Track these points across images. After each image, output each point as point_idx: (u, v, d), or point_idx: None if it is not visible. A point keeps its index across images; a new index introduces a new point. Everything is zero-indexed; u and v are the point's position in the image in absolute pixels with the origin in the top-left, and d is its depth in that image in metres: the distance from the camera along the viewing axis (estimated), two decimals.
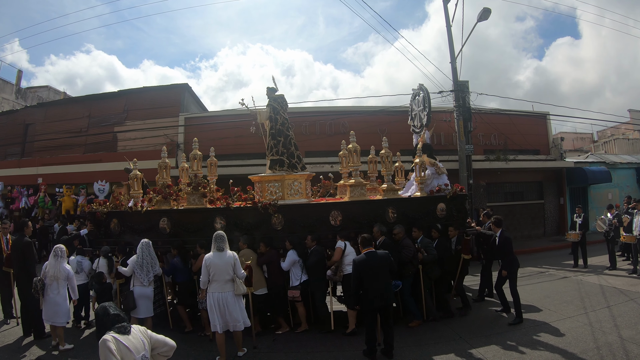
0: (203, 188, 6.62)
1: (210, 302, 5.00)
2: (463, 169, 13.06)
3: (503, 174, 15.17)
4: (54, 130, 16.24)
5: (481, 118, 14.00)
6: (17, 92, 22.23)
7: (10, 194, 16.11)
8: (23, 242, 6.30)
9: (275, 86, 7.42)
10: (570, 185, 16.49)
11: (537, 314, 6.53)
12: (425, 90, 8.22)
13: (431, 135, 14.89)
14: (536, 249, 13.60)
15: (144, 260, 5.69)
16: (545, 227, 16.19)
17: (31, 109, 18.24)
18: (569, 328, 5.76)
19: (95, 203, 7.36)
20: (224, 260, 5.02)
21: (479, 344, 5.42)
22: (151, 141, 14.12)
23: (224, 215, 6.35)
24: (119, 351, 2.54)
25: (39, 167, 16.07)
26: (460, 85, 13.32)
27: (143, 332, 2.80)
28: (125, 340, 2.61)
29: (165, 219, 6.43)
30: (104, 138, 15.23)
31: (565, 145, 18.19)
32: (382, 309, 5.07)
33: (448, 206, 7.02)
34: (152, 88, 15.87)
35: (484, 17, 12.86)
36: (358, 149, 6.86)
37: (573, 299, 7.25)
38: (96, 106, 16.12)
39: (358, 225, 6.38)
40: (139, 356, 2.63)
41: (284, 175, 6.95)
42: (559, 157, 16.14)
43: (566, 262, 10.74)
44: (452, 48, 13.48)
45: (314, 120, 14.43)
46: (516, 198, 16.09)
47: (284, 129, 7.20)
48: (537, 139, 16.05)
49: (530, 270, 10.08)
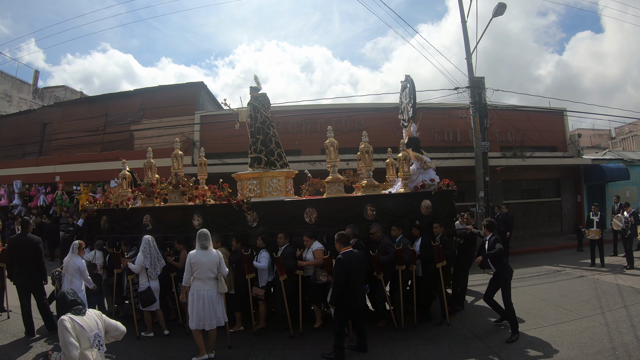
0: (183, 186, 6.92)
1: (191, 299, 4.97)
2: (479, 166, 12.95)
3: (520, 171, 15.00)
4: (71, 129, 16.48)
5: (497, 114, 13.87)
6: (34, 92, 22.60)
7: (29, 192, 16.39)
8: (26, 239, 6.30)
9: (258, 85, 7.50)
10: (587, 183, 16.24)
11: (553, 313, 6.43)
12: (411, 81, 8.03)
13: (446, 131, 15.01)
14: (552, 247, 13.44)
15: (152, 255, 5.93)
16: (562, 225, 15.97)
17: (48, 109, 18.53)
18: (585, 328, 5.65)
19: (87, 201, 7.79)
20: (208, 258, 4.99)
21: (493, 342, 5.39)
22: (167, 139, 14.21)
23: (201, 213, 6.56)
24: (74, 329, 2.98)
25: (57, 165, 16.33)
26: (476, 82, 13.22)
27: (98, 316, 3.26)
28: (80, 320, 3.06)
29: (148, 216, 6.78)
30: (120, 136, 15.41)
31: (583, 142, 17.91)
32: (356, 310, 5.09)
33: (434, 203, 6.50)
34: (168, 87, 16.01)
35: (499, 12, 12.73)
36: (335, 144, 6.67)
37: (590, 298, 7.12)
38: (113, 105, 16.33)
39: (334, 223, 6.21)
40: (92, 334, 3.07)
41: (261, 172, 6.97)
42: (576, 154, 15.91)
43: (583, 261, 10.59)
44: (468, 44, 13.36)
45: (329, 118, 14.42)
46: (533, 195, 15.90)
47: (264, 127, 7.23)
48: (554, 135, 15.84)
49: (546, 269, 9.97)
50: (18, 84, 22.30)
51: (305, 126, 14.39)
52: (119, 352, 5.26)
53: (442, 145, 14.78)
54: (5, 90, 21.52)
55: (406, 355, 5.10)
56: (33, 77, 23.14)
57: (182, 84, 15.98)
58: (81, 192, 14.58)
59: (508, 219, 11.91)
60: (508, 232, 11.64)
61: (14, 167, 17.26)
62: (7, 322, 6.68)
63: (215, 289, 5.03)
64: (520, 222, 15.21)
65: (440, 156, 13.99)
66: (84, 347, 3.00)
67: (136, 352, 5.41)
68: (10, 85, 21.83)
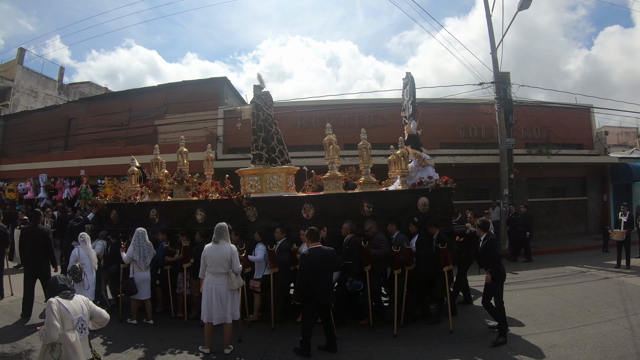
0: (187, 182, 7.27)
1: (204, 292, 5.03)
2: (504, 163, 12.79)
3: (545, 169, 14.73)
4: (96, 124, 16.81)
5: (523, 111, 13.64)
6: (59, 88, 23.09)
7: (54, 185, 16.76)
8: (37, 229, 6.74)
9: (262, 84, 7.68)
10: (614, 182, 15.84)
11: (576, 315, 6.27)
12: (411, 79, 8.01)
13: (471, 127, 14.78)
14: (577, 248, 13.14)
15: (141, 247, 6.18)
16: (587, 225, 15.61)
17: (74, 104, 18.92)
18: (609, 331, 5.47)
19: (98, 196, 8.27)
20: (219, 253, 4.99)
21: (515, 343, 5.25)
22: (191, 134, 14.36)
23: (204, 207, 6.88)
24: (59, 311, 3.22)
25: (82, 159, 16.69)
26: (501, 77, 13.06)
27: (85, 302, 3.50)
28: (66, 303, 3.30)
29: (154, 210, 7.19)
30: (144, 131, 15.61)
31: (610, 140, 17.47)
32: (325, 307, 4.99)
33: (431, 200, 6.43)
34: (191, 82, 16.13)
35: (525, 6, 12.56)
36: (334, 141, 6.82)
37: (614, 301, 6.92)
38: (137, 100, 16.58)
39: (331, 219, 6.29)
40: (75, 317, 3.31)
41: (262, 169, 7.16)
42: (603, 152, 15.54)
43: (608, 262, 10.33)
44: (493, 38, 13.21)
45: (353, 113, 14.40)
46: (558, 194, 15.58)
47: (266, 125, 7.41)
48: (580, 132, 15.48)
49: (571, 270, 9.75)
50: (44, 81, 22.84)
51: (329, 121, 14.33)
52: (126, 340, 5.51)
53: (467, 141, 14.60)
54: (31, 86, 22.06)
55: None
56: (58, 74, 23.71)
57: (205, 80, 16.09)
58: (106, 185, 14.82)
59: (527, 219, 11.67)
60: (528, 232, 11.41)
61: (40, 161, 17.70)
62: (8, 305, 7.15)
63: (226, 284, 5.01)
64: (545, 221, 14.95)
65: (464, 153, 13.88)
66: (67, 328, 3.23)
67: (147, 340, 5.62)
68: (36, 82, 22.37)
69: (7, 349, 5.22)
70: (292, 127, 13.46)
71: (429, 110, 14.28)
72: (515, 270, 9.95)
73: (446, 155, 13.65)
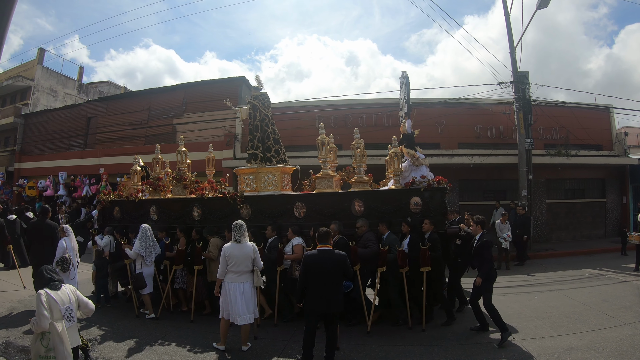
0: (185, 180, 7.51)
1: (225, 291, 5.01)
2: (523, 164, 12.69)
3: (564, 170, 14.58)
4: (115, 123, 17.08)
5: (542, 111, 13.50)
6: (78, 88, 23.47)
7: (73, 182, 17.07)
8: (45, 224, 7.04)
9: (259, 85, 7.89)
10: (633, 184, 15.56)
11: (594, 318, 6.21)
12: (406, 78, 8.00)
13: (489, 127, 14.61)
14: (596, 250, 12.92)
15: (147, 243, 6.40)
16: (606, 227, 15.39)
17: (93, 103, 19.25)
18: (627, 335, 5.40)
19: (102, 193, 8.58)
20: (243, 252, 4.99)
21: (532, 345, 5.23)
22: (209, 133, 14.55)
23: (200, 205, 7.08)
24: (48, 302, 3.47)
25: (101, 157, 17.00)
26: (520, 76, 12.98)
27: (73, 292, 3.75)
28: (54, 294, 3.54)
29: (154, 207, 7.45)
30: (163, 130, 15.83)
31: (630, 141, 17.11)
32: (327, 316, 4.57)
33: (424, 200, 6.32)
34: (209, 81, 16.30)
35: (544, 5, 12.47)
36: (326, 140, 6.89)
37: (632, 305, 6.83)
38: (155, 99, 16.80)
39: (322, 217, 6.33)
40: (63, 307, 3.55)
41: (257, 168, 7.32)
42: (623, 153, 15.29)
43: (626, 265, 10.18)
44: (511, 37, 13.14)
45: (370, 113, 14.42)
46: (577, 195, 15.38)
47: (263, 125, 7.55)
48: (599, 133, 15.27)
49: (589, 273, 9.62)
50: (63, 80, 23.24)
51: (347, 121, 14.40)
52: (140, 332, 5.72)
53: (485, 141, 14.52)
54: (50, 85, 22.47)
55: None
56: (78, 73, 24.09)
57: (223, 79, 16.23)
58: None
59: (525, 221, 11.46)
60: (525, 235, 11.17)
61: (59, 159, 18.07)
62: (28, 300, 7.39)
63: (250, 282, 5.06)
64: (563, 223, 14.79)
65: (482, 153, 13.79)
66: (55, 318, 3.47)
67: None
68: (55, 81, 22.77)
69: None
70: (311, 126, 13.52)
71: (447, 110, 14.32)
72: (532, 272, 9.90)
73: (464, 156, 13.59)
